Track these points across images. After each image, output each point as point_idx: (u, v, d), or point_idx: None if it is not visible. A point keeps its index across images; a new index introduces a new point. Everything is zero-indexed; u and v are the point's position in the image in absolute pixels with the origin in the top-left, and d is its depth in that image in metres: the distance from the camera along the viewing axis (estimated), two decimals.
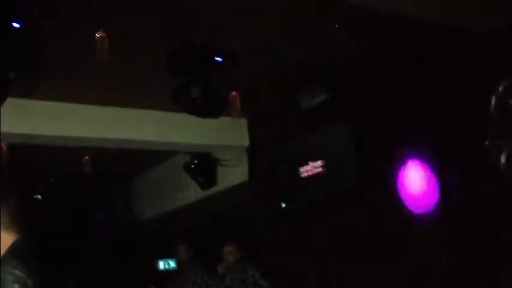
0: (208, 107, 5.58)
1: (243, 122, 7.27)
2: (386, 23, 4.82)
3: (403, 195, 5.38)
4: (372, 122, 5.79)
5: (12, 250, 2.76)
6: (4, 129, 5.98)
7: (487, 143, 4.50)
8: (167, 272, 9.71)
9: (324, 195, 6.21)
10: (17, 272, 2.63)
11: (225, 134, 7.09)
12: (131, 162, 8.71)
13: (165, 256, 9.81)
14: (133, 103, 6.61)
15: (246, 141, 7.38)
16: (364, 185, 5.74)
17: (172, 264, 9.77)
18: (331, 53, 5.40)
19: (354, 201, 5.86)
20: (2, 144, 6.40)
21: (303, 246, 6.50)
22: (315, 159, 6.36)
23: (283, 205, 6.80)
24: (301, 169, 6.51)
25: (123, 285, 9.99)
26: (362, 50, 5.45)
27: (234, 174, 7.56)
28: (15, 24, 4.07)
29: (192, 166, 7.90)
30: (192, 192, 8.18)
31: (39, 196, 9.21)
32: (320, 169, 6.31)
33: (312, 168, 6.41)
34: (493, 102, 4.54)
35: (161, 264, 9.84)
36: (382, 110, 5.69)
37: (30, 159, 7.55)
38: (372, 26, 4.98)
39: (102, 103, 6.51)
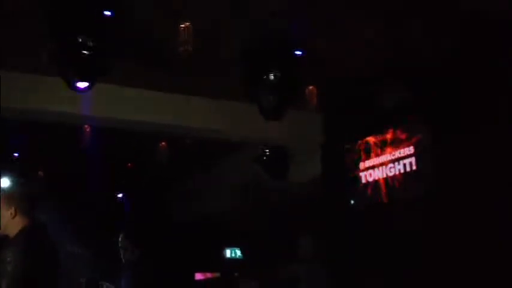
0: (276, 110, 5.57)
1: (318, 116, 7.25)
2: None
3: None
4: (451, 123, 5.66)
5: None
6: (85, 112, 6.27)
7: None
8: (233, 260, 9.82)
9: (398, 194, 6.13)
10: None
11: (300, 128, 7.10)
12: (204, 152, 8.86)
13: (232, 245, 9.91)
14: (207, 93, 6.71)
15: (320, 136, 7.36)
16: (442, 186, 5.62)
17: (238, 253, 9.86)
18: (414, 52, 5.34)
19: (430, 201, 5.75)
20: (86, 126, 6.68)
21: (372, 243, 6.44)
22: None
23: (352, 202, 6.77)
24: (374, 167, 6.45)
25: (189, 270, 10.19)
26: (445, 50, 5.36)
27: (306, 168, 7.55)
28: (107, 12, 4.28)
29: (264, 158, 7.94)
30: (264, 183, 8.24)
31: None
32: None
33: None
34: None
35: (228, 253, 9.94)
36: (463, 111, 5.56)
37: (109, 145, 7.83)
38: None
39: (177, 91, 6.64)
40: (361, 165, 6.63)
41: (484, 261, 5.15)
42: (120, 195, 10.37)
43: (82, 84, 4.67)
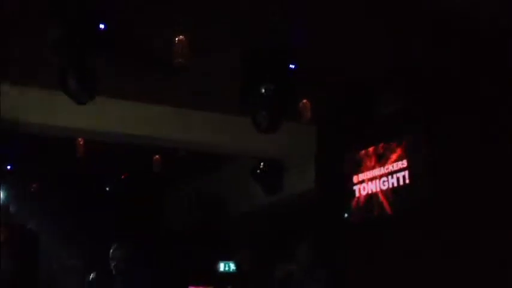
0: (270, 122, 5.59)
1: (312, 129, 7.28)
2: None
3: None
4: (449, 132, 5.69)
5: None
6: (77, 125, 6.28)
7: None
8: (227, 274, 9.77)
9: (394, 206, 6.14)
10: None
11: (294, 141, 7.12)
12: (197, 164, 8.87)
13: (226, 258, 9.86)
14: (202, 106, 6.73)
15: (314, 149, 7.38)
16: (437, 196, 5.64)
17: (232, 266, 9.82)
18: (409, 64, 5.38)
19: (427, 213, 5.76)
20: (79, 139, 6.69)
21: (366, 256, 6.45)
22: None
23: (346, 215, 6.77)
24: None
25: (182, 284, 10.13)
26: (440, 58, 5.40)
27: (300, 181, 7.56)
28: (101, 26, 4.32)
29: (259, 171, 7.95)
30: (258, 197, 8.24)
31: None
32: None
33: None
34: None
35: (221, 266, 9.89)
36: (460, 119, 5.58)
37: (103, 157, 7.84)
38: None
39: (172, 104, 6.66)
40: (355, 179, 6.64)
41: (483, 270, 5.18)
42: (113, 206, 10.33)
43: (84, 97, 4.75)
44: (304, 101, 5.94)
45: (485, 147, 5.27)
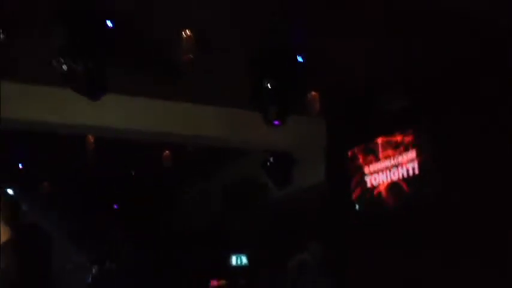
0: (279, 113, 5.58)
1: (322, 122, 7.25)
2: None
3: None
4: (452, 130, 5.66)
5: None
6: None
7: None
8: (239, 267, 9.80)
9: (403, 200, 6.12)
10: None
11: (303, 134, 7.10)
12: (207, 160, 8.88)
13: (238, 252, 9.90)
14: (210, 100, 6.71)
15: (323, 142, 7.35)
16: (446, 192, 5.60)
17: (244, 260, 9.84)
18: (416, 58, 5.35)
19: (435, 207, 5.74)
20: (90, 136, 6.69)
21: (377, 248, 6.43)
22: None
23: (357, 207, 6.76)
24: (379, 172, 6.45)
25: (195, 277, 10.19)
26: (444, 56, 5.37)
27: (310, 174, 7.55)
28: (109, 23, 4.31)
29: (269, 164, 7.95)
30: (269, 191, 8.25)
31: None
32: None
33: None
34: None
35: (234, 260, 9.92)
36: (463, 118, 5.56)
37: (112, 154, 7.85)
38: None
39: (179, 99, 6.65)
40: (365, 170, 6.63)
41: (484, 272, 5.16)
42: (124, 204, 10.39)
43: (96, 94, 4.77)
44: (313, 93, 5.91)
45: (485, 147, 5.26)
